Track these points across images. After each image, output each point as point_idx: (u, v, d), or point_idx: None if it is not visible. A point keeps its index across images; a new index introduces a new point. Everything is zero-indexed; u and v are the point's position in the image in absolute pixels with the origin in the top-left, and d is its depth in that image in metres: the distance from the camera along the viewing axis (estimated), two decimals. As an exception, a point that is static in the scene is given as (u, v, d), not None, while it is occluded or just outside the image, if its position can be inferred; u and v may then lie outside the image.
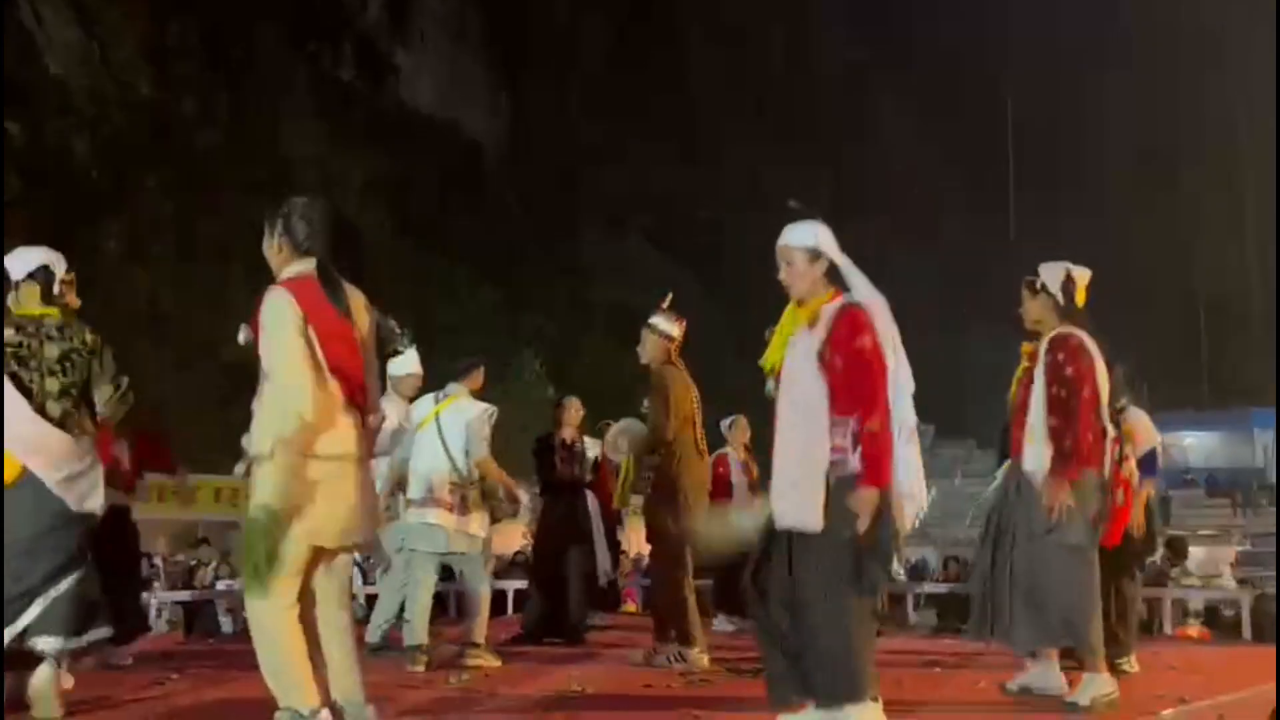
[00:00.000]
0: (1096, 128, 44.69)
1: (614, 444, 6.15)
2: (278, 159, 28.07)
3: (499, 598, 10.10)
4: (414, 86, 36.35)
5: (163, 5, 27.57)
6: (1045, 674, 4.36)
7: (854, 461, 3.35)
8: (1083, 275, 4.43)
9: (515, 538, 12.40)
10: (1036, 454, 4.23)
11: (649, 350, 5.69)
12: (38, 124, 24.22)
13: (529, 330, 29.75)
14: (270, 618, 3.16)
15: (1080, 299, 4.39)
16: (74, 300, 4.26)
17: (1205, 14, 39.39)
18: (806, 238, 3.55)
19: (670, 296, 5.80)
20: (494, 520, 6.02)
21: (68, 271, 4.24)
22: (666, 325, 5.68)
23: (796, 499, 3.41)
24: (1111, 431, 4.34)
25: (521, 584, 9.03)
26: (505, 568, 12.12)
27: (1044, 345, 4.31)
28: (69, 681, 4.22)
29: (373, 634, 6.06)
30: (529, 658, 5.97)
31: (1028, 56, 44.49)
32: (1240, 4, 35.44)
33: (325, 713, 3.15)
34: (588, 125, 39.81)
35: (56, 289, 4.16)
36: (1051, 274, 4.40)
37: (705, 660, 5.44)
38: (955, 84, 45.66)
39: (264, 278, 3.37)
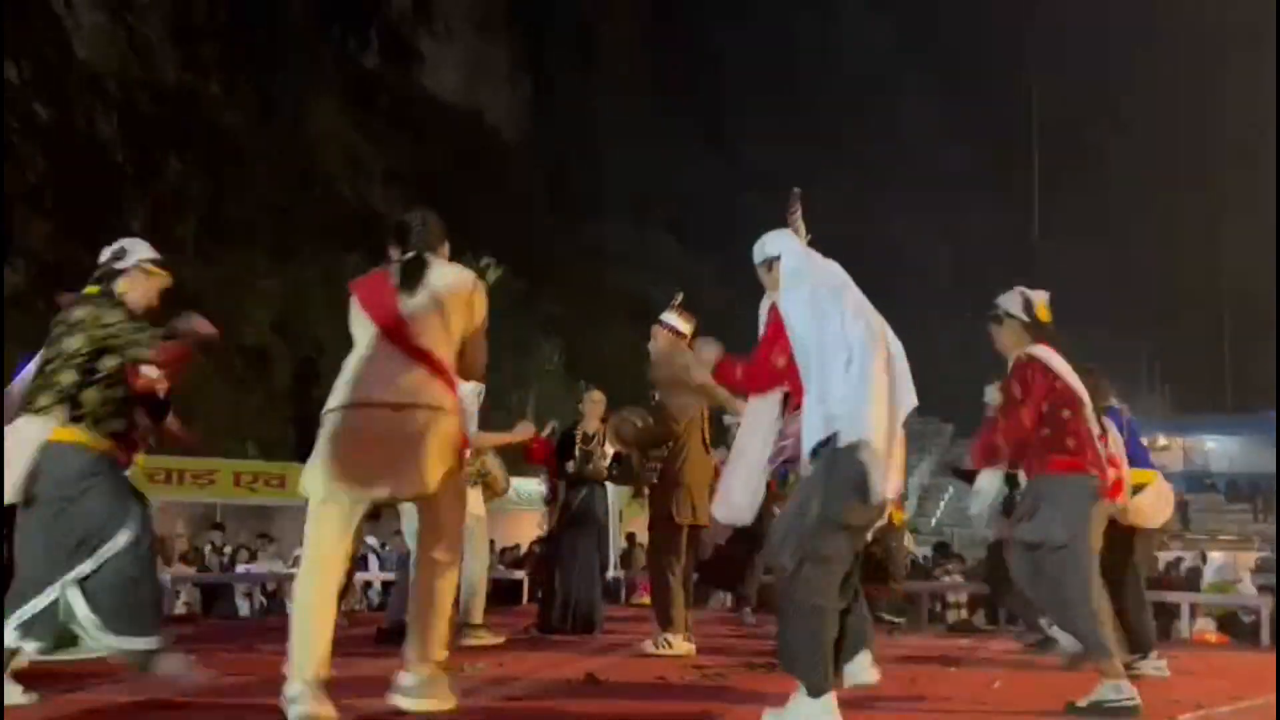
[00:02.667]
0: (1122, 127, 44.33)
1: (615, 433, 6.17)
2: (302, 144, 28.19)
3: (515, 587, 10.12)
4: (437, 74, 36.43)
5: (189, -10, 27.75)
6: (1117, 686, 4.08)
7: (795, 446, 3.42)
8: (1040, 295, 4.50)
9: (532, 528, 12.40)
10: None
11: (660, 346, 5.79)
12: (65, 106, 24.38)
13: (548, 318, 29.76)
14: (298, 584, 3.33)
15: (1044, 317, 4.44)
16: (126, 289, 3.93)
17: (1238, 8, 38.96)
18: (758, 253, 3.78)
19: (682, 295, 5.93)
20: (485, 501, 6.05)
21: (115, 257, 3.96)
22: (678, 322, 5.80)
23: (732, 498, 3.58)
24: (1098, 430, 4.42)
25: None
26: (522, 558, 12.16)
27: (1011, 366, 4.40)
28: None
29: (390, 617, 6.09)
30: (545, 647, 5.98)
31: (1054, 51, 44.17)
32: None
33: (297, 686, 3.21)
34: (609, 114, 39.79)
35: (116, 282, 3.94)
36: (1010, 301, 4.48)
37: (690, 647, 5.56)
38: (981, 79, 45.39)
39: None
